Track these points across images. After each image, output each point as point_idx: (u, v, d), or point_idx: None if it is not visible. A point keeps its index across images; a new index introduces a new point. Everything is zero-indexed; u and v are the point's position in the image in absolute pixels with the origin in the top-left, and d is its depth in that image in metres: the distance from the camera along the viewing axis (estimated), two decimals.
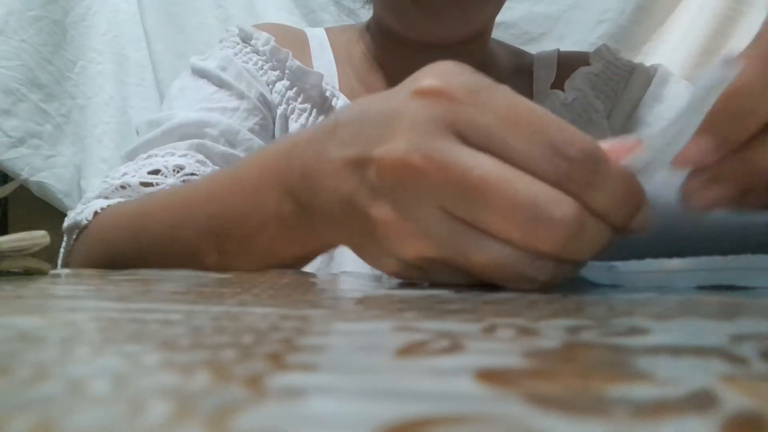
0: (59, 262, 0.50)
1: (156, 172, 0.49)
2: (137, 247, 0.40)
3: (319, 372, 0.11)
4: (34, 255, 0.31)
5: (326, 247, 0.34)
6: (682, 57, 0.84)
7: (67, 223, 0.48)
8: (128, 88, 0.93)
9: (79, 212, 0.47)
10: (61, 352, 0.13)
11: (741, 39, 0.82)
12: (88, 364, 0.12)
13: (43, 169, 0.87)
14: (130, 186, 0.48)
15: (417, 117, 0.24)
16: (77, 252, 0.47)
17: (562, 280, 0.24)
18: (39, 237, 0.30)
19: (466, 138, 0.24)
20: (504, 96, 0.24)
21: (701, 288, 0.26)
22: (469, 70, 0.25)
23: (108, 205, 0.46)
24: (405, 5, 0.57)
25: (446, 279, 0.26)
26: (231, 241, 0.35)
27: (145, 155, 0.52)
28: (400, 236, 0.25)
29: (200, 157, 0.52)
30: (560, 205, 0.22)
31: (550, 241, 0.23)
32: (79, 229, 0.46)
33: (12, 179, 0.86)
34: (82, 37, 0.92)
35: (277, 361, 0.12)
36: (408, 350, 0.13)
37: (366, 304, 0.21)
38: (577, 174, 0.23)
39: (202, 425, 0.08)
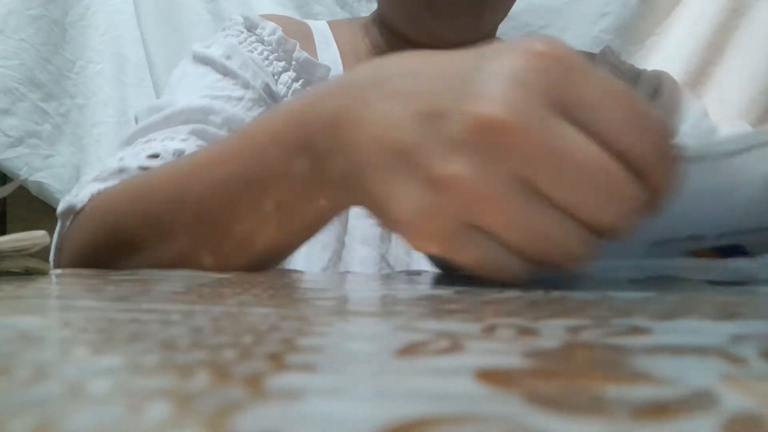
0: (52, 248, 0.47)
1: (155, 156, 0.47)
2: (141, 214, 0.38)
3: (319, 372, 0.11)
4: (34, 255, 0.31)
5: (332, 212, 0.32)
6: (687, 51, 0.83)
7: (61, 207, 0.46)
8: (127, 88, 0.93)
9: (75, 195, 0.45)
10: (61, 353, 0.13)
11: (746, 34, 0.82)
12: (87, 364, 0.12)
13: (41, 168, 0.87)
14: (127, 170, 0.46)
15: (527, 78, 0.24)
16: (71, 236, 0.44)
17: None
18: (39, 237, 0.30)
19: (568, 109, 0.24)
20: (605, 77, 0.24)
21: (700, 287, 0.26)
22: (570, 47, 0.25)
23: (105, 188, 0.44)
24: (417, 10, 0.56)
25: (477, 256, 0.25)
26: (239, 206, 0.33)
27: (144, 140, 0.50)
28: (465, 196, 0.24)
29: (201, 142, 0.50)
30: (633, 185, 0.24)
31: (616, 217, 0.24)
32: (75, 212, 0.44)
33: (11, 179, 0.86)
34: (82, 37, 0.92)
35: (277, 361, 0.12)
36: (408, 350, 0.13)
37: (366, 304, 0.21)
38: (654, 156, 0.24)
39: (202, 425, 0.08)
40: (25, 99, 0.87)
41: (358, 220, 0.55)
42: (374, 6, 0.67)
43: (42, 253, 0.31)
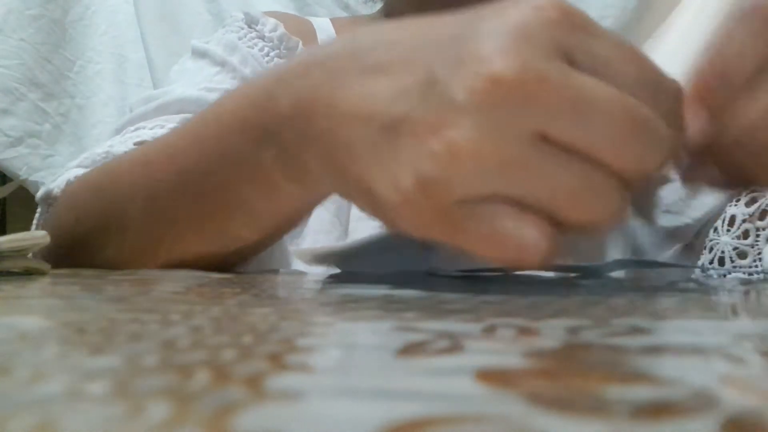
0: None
1: (142, 144, 0.45)
2: (102, 207, 0.37)
3: (319, 372, 0.11)
4: (34, 255, 0.31)
5: (309, 204, 0.30)
6: (686, 52, 0.83)
7: (40, 193, 0.45)
8: (127, 88, 0.93)
9: (52, 181, 0.44)
10: (61, 352, 0.13)
11: None
12: (88, 364, 0.12)
13: (41, 168, 0.87)
14: (113, 156, 0.44)
15: (531, 31, 0.21)
16: (47, 225, 0.43)
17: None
18: (39, 237, 0.30)
19: (578, 64, 0.22)
20: (614, 34, 0.24)
21: (700, 287, 0.26)
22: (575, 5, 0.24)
23: (79, 175, 0.42)
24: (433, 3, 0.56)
25: (492, 231, 0.22)
26: (204, 197, 0.32)
27: (132, 128, 0.49)
28: (476, 162, 0.21)
29: None
30: (664, 128, 0.22)
31: (653, 160, 0.22)
32: (51, 199, 0.43)
33: (11, 179, 0.86)
34: (81, 37, 0.91)
35: (276, 361, 0.12)
36: (408, 350, 0.13)
37: (366, 304, 0.21)
38: (673, 115, 0.23)
39: (202, 425, 0.08)
40: (25, 99, 0.87)
41: (359, 223, 0.55)
42: (376, 6, 0.67)
43: (42, 253, 0.31)
